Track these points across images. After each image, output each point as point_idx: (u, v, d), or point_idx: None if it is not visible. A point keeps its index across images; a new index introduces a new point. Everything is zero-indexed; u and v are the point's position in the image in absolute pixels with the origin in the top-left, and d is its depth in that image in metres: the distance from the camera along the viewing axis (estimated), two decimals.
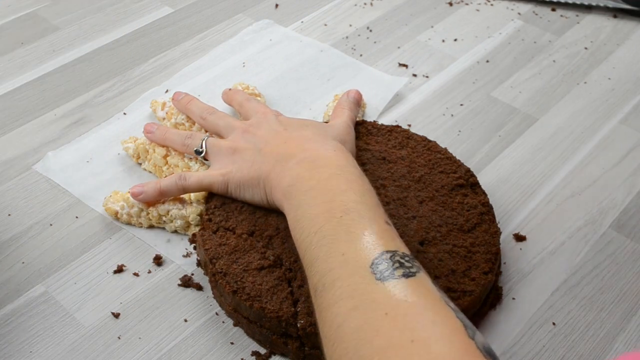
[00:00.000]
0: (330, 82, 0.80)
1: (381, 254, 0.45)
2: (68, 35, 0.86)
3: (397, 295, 0.42)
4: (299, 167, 0.56)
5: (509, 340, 0.57)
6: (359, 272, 0.45)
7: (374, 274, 0.44)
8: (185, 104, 0.70)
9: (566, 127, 0.76)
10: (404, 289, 0.43)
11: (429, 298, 0.43)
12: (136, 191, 0.62)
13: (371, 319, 0.42)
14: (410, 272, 0.44)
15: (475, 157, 0.72)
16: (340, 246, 0.47)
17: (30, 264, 0.61)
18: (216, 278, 0.56)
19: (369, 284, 0.44)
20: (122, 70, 0.81)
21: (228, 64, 0.82)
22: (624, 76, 0.83)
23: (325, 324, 0.45)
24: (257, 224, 0.59)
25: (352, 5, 0.93)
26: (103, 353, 0.55)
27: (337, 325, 0.43)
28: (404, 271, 0.44)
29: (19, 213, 0.65)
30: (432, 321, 0.41)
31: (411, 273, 0.44)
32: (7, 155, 0.71)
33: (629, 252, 0.64)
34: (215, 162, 0.63)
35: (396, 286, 0.43)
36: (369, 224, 0.48)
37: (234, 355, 0.55)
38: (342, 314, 0.43)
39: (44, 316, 0.57)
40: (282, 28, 0.88)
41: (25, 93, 0.78)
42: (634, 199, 0.69)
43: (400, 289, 0.43)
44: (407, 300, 0.42)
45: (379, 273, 0.44)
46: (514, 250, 0.64)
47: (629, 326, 0.58)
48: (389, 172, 0.64)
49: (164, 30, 0.88)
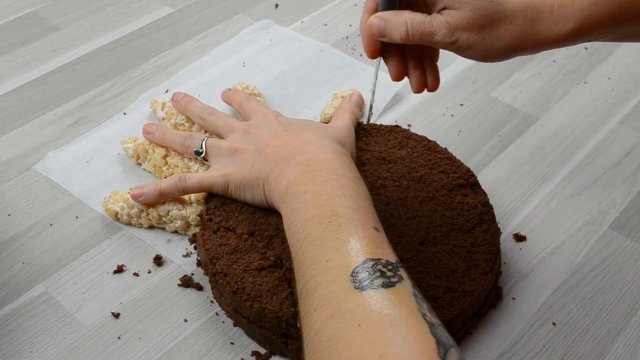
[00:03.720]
0: (330, 82, 0.80)
1: (364, 262, 0.45)
2: (68, 35, 0.86)
3: (373, 306, 0.42)
4: (296, 170, 0.56)
5: (509, 340, 0.57)
6: (338, 279, 0.45)
7: (354, 283, 0.44)
8: (185, 104, 0.70)
9: (566, 127, 0.76)
10: (381, 300, 0.43)
11: (405, 310, 0.42)
12: (136, 193, 0.62)
13: (344, 329, 0.42)
14: (391, 282, 0.44)
15: (475, 157, 0.72)
16: (326, 252, 0.47)
17: (30, 264, 0.61)
18: (216, 278, 0.56)
19: (346, 292, 0.44)
20: (122, 70, 0.81)
21: (228, 64, 0.82)
22: (624, 76, 0.83)
23: (305, 329, 0.45)
24: (257, 224, 0.59)
25: (352, 5, 0.93)
26: (103, 353, 0.55)
27: (314, 332, 0.43)
28: (383, 281, 0.44)
29: (19, 213, 0.65)
30: (403, 336, 0.40)
31: (391, 283, 0.44)
32: (7, 155, 0.71)
33: (629, 252, 0.64)
34: (215, 163, 0.63)
35: (373, 297, 0.43)
36: (356, 230, 0.48)
37: (234, 355, 0.55)
38: (319, 321, 0.43)
39: (44, 316, 0.57)
40: (282, 28, 0.88)
41: (25, 93, 0.78)
42: (634, 199, 0.69)
43: (376, 300, 0.43)
44: (381, 312, 0.42)
45: (358, 282, 0.44)
46: (514, 250, 0.64)
47: (629, 326, 0.58)
48: (389, 172, 0.64)
49: (164, 30, 0.88)
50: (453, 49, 0.54)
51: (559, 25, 0.52)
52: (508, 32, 0.52)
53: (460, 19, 0.52)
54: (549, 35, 0.52)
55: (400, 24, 0.53)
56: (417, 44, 0.55)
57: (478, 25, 0.52)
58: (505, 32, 0.52)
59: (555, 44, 0.53)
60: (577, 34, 0.52)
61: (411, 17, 0.53)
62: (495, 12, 0.52)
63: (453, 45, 0.53)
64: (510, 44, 0.53)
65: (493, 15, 0.52)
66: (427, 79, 0.58)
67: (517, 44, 0.53)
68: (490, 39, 0.52)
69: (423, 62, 0.58)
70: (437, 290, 0.55)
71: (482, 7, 0.52)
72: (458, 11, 0.52)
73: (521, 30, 0.52)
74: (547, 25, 0.52)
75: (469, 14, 0.52)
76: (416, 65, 0.58)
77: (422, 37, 0.53)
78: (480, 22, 0.52)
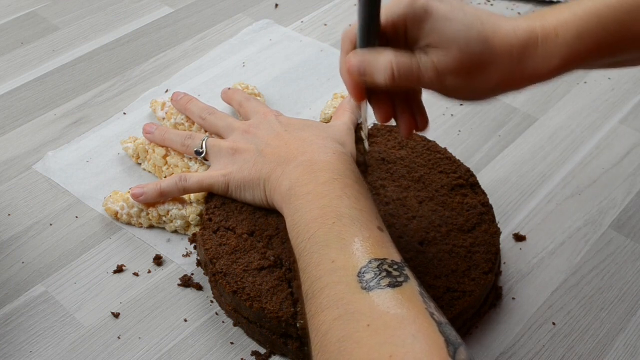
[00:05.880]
0: (330, 82, 0.80)
1: (369, 262, 0.45)
2: (68, 35, 0.86)
3: (381, 306, 0.42)
4: (297, 171, 0.56)
5: (509, 340, 0.57)
6: (345, 280, 0.45)
7: (361, 283, 0.44)
8: (185, 104, 0.70)
9: (566, 127, 0.76)
10: (389, 299, 0.43)
11: (413, 310, 0.42)
12: (137, 192, 0.62)
13: (353, 330, 0.42)
14: (397, 282, 0.44)
15: (475, 157, 0.72)
16: (331, 253, 0.47)
17: (30, 264, 0.61)
18: (216, 278, 0.56)
19: (354, 293, 0.44)
20: (122, 70, 0.81)
21: (228, 64, 0.82)
22: (624, 76, 0.83)
23: (313, 331, 0.45)
24: (257, 224, 0.59)
25: (352, 5, 0.93)
26: (103, 353, 0.55)
27: (322, 333, 0.43)
28: (390, 281, 0.44)
29: (19, 213, 0.65)
30: (412, 335, 0.40)
31: (398, 283, 0.44)
32: (7, 155, 0.71)
33: (629, 252, 0.64)
34: (216, 163, 0.63)
35: (381, 297, 0.43)
36: (361, 231, 0.48)
37: (234, 355, 0.55)
38: (328, 322, 0.43)
39: (44, 316, 0.57)
40: (282, 28, 0.88)
41: (25, 93, 0.78)
42: (634, 199, 0.69)
43: (384, 300, 0.43)
44: (390, 312, 0.42)
45: (365, 282, 0.44)
46: (514, 250, 0.64)
47: (629, 326, 0.58)
48: (388, 172, 0.64)
49: (164, 30, 0.88)
50: (438, 92, 0.50)
51: (545, 63, 0.49)
52: (496, 73, 0.49)
53: (447, 61, 0.47)
54: (535, 73, 0.49)
55: (384, 66, 0.47)
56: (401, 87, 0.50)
57: (466, 69, 0.48)
58: (493, 74, 0.49)
59: (542, 80, 0.50)
60: (563, 68, 0.49)
61: (396, 59, 0.47)
62: (483, 53, 0.48)
63: (439, 89, 0.49)
64: (497, 85, 0.50)
65: (481, 57, 0.48)
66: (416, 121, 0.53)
67: (504, 84, 0.50)
68: (478, 81, 0.49)
69: (410, 102, 0.53)
70: (437, 290, 0.55)
71: (469, 48, 0.47)
72: (445, 52, 0.47)
73: (508, 70, 0.49)
74: (533, 62, 0.49)
75: (456, 56, 0.47)
76: (404, 108, 0.53)
77: (408, 81, 0.48)
78: (468, 65, 0.48)
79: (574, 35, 0.48)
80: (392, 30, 0.48)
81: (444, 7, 0.47)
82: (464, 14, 0.47)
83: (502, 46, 0.48)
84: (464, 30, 0.47)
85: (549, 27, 0.48)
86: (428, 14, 0.47)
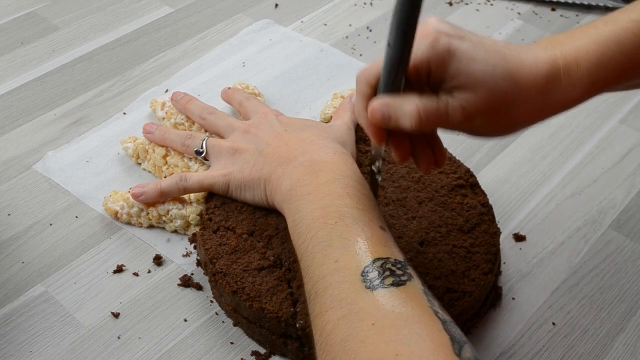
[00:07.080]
0: (330, 82, 0.80)
1: (373, 261, 0.45)
2: (68, 35, 0.86)
3: (386, 305, 0.42)
4: (298, 171, 0.56)
5: (509, 340, 0.57)
6: (349, 280, 0.45)
7: (364, 283, 0.44)
8: (185, 104, 0.70)
9: (566, 127, 0.76)
10: (393, 298, 0.43)
11: (418, 309, 0.42)
12: (137, 192, 0.62)
13: (358, 329, 0.42)
14: (401, 281, 0.44)
15: (475, 157, 0.72)
16: (334, 253, 0.47)
17: (30, 264, 0.61)
18: (216, 278, 0.56)
19: (358, 293, 0.44)
20: (122, 70, 0.81)
21: (228, 64, 0.82)
22: None
23: (317, 331, 0.45)
24: (257, 224, 0.59)
25: (352, 5, 0.93)
26: (103, 353, 0.55)
27: (327, 333, 0.43)
28: (394, 280, 0.44)
29: (19, 213, 0.65)
30: (418, 334, 0.40)
31: (401, 282, 0.44)
32: (7, 155, 0.71)
33: (629, 252, 0.64)
34: (216, 163, 0.63)
35: (385, 296, 0.43)
36: (363, 230, 0.48)
37: (234, 355, 0.55)
38: (332, 322, 0.43)
39: (44, 316, 0.57)
40: (282, 28, 0.88)
41: (25, 93, 0.78)
42: (634, 199, 0.69)
43: (389, 299, 0.43)
44: (394, 311, 0.42)
45: (369, 282, 0.44)
46: (514, 251, 0.64)
47: (629, 326, 0.58)
48: (388, 173, 0.64)
49: (164, 30, 0.88)
50: (464, 132, 0.49)
51: (568, 94, 0.48)
52: (523, 109, 0.48)
53: (476, 104, 0.46)
54: (559, 104, 0.49)
55: (410, 112, 0.46)
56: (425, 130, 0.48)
57: (495, 108, 0.47)
58: (521, 109, 0.48)
59: (565, 110, 0.50)
60: (586, 96, 0.49)
61: (423, 104, 0.46)
62: (511, 91, 0.46)
63: (466, 130, 0.48)
64: (524, 119, 0.49)
65: (509, 95, 0.47)
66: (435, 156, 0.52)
67: (530, 118, 0.49)
68: (506, 118, 0.48)
69: (428, 139, 0.52)
70: (437, 291, 0.55)
71: (497, 87, 0.46)
72: (473, 93, 0.46)
73: (534, 104, 0.48)
74: (557, 94, 0.48)
75: (485, 97, 0.46)
76: (422, 145, 0.51)
77: (436, 125, 0.47)
78: (497, 104, 0.46)
79: (595, 65, 0.48)
80: (415, 73, 0.47)
81: (466, 46, 0.46)
82: (485, 52, 0.46)
83: (528, 81, 0.47)
84: (491, 70, 0.46)
85: (569, 56, 0.47)
86: (451, 55, 0.45)
